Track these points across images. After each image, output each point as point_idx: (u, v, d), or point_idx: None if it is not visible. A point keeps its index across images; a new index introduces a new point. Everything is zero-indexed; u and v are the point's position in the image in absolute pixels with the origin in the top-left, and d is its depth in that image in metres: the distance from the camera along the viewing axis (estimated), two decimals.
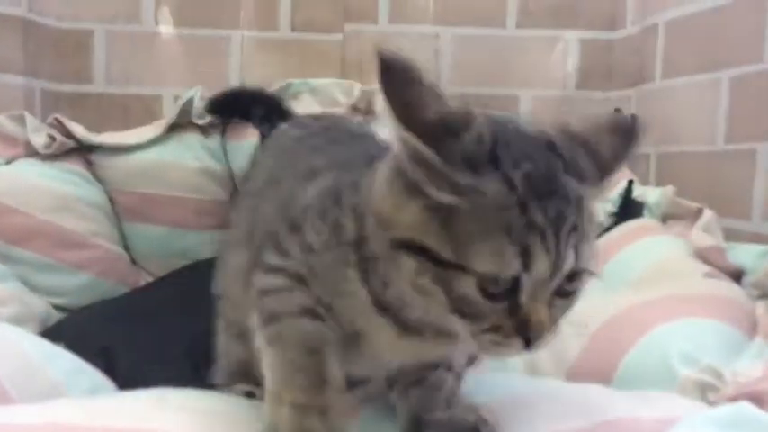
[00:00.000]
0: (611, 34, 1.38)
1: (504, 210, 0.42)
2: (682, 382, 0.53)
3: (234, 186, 1.16)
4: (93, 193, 1.08)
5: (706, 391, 0.53)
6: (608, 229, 0.95)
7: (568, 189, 0.43)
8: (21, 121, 1.06)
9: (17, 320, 0.85)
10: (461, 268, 0.42)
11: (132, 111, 1.28)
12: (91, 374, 0.63)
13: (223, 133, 1.16)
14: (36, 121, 1.07)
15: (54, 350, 0.59)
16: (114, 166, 1.10)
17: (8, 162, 1.03)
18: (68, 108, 1.23)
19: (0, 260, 0.93)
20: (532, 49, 1.38)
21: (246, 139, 1.14)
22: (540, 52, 1.39)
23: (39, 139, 1.05)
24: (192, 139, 1.14)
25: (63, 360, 0.60)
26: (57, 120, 1.06)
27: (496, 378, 0.54)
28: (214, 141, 1.15)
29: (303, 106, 1.18)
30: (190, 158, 1.12)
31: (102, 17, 1.28)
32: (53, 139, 1.05)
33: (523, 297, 0.43)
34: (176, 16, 1.29)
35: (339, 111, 1.18)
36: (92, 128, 1.12)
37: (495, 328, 0.43)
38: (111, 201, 1.10)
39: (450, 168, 0.42)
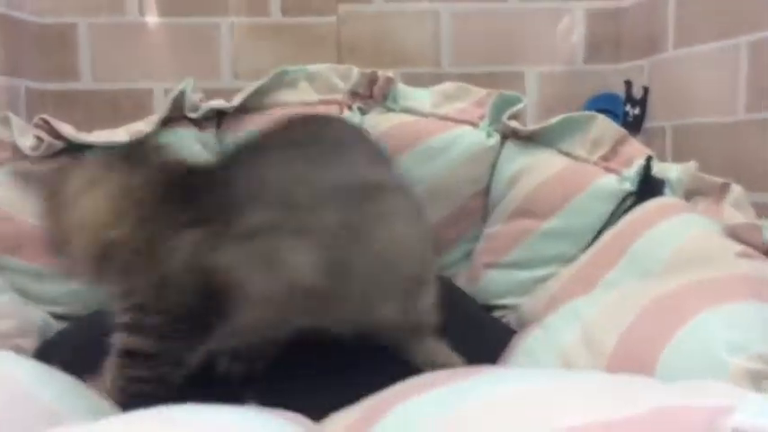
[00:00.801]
0: (618, 3, 1.35)
1: None
2: (733, 373, 0.51)
3: None
4: None
5: (760, 380, 0.50)
6: (627, 209, 0.92)
7: None
8: (6, 122, 1.02)
9: (16, 334, 0.83)
10: None
11: (122, 107, 1.26)
12: (87, 396, 0.61)
13: (218, 125, 1.13)
14: (22, 123, 1.04)
15: (47, 373, 0.57)
16: None
17: None
18: (55, 107, 1.20)
19: None
20: (536, 22, 1.35)
21: (243, 131, 1.11)
22: (545, 26, 1.36)
23: (26, 142, 1.01)
24: (186, 133, 1.10)
25: (57, 383, 0.57)
26: (43, 120, 1.03)
27: (534, 371, 0.52)
28: (209, 135, 1.12)
29: (300, 94, 1.14)
30: (185, 154, 1.08)
31: (85, 10, 1.25)
32: (41, 140, 1.02)
33: None
34: (162, 5, 1.26)
35: (338, 96, 1.15)
36: (81, 126, 1.09)
37: None
38: None
39: None
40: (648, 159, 0.95)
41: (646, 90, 1.30)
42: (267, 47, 1.29)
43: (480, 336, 0.81)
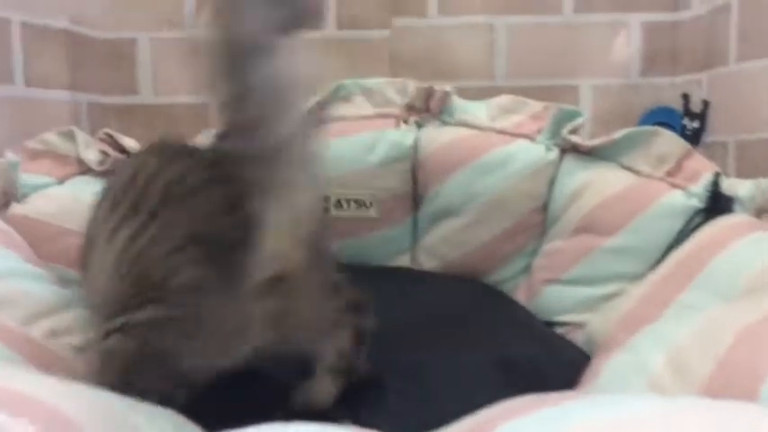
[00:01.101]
0: (675, 15, 1.34)
1: None
2: None
3: None
4: None
5: None
6: (696, 227, 0.91)
7: None
8: (70, 137, 1.05)
9: (84, 349, 0.84)
10: None
11: (181, 120, 1.27)
12: (170, 416, 0.61)
13: None
14: (86, 137, 1.06)
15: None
16: None
17: (61, 182, 1.02)
18: (116, 121, 1.23)
19: (61, 284, 0.92)
20: (591, 35, 1.35)
21: None
22: (600, 38, 1.35)
23: (91, 156, 1.04)
24: None
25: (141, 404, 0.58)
26: (107, 134, 1.05)
27: (625, 398, 0.51)
28: None
29: (356, 109, 1.16)
30: None
31: (146, 25, 1.27)
32: (106, 154, 1.04)
33: None
34: None
35: (394, 110, 1.15)
36: (141, 140, 1.11)
37: None
38: None
39: None
40: (716, 175, 0.94)
41: (705, 104, 1.29)
42: (322, 60, 1.30)
43: (549, 354, 0.80)
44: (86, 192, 1.01)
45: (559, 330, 0.98)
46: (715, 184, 0.94)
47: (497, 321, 0.88)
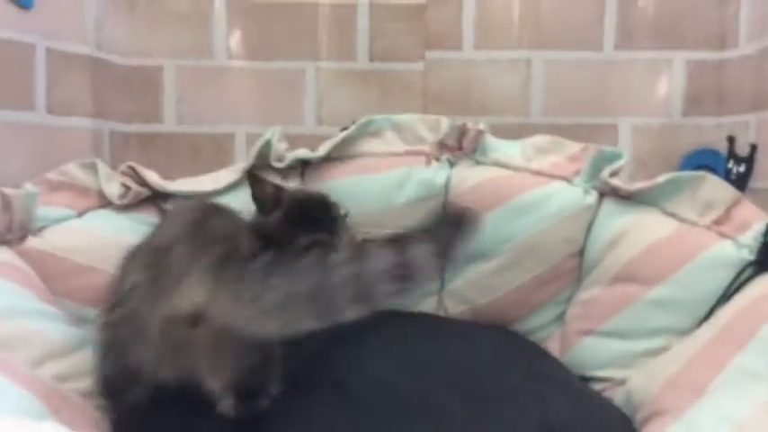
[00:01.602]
0: (722, 54, 1.29)
1: None
2: None
3: None
4: None
5: None
6: (746, 280, 0.86)
7: None
8: (92, 169, 1.03)
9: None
10: None
11: (204, 151, 1.26)
12: None
13: (302, 176, 1.11)
14: (108, 169, 1.04)
15: None
16: None
17: (80, 214, 1.00)
18: (138, 149, 1.21)
19: (74, 323, 0.89)
20: (633, 72, 1.31)
21: (326, 181, 1.10)
22: (642, 76, 1.31)
23: (113, 189, 1.01)
24: None
25: None
26: (130, 168, 1.03)
27: None
28: (293, 184, 1.10)
29: (385, 145, 1.13)
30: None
31: (172, 52, 1.26)
32: (128, 188, 1.02)
33: None
34: (248, 49, 1.26)
35: (425, 148, 1.12)
36: (162, 169, 1.09)
37: None
38: None
39: None
40: None
41: (753, 147, 1.24)
42: (352, 93, 1.28)
43: (590, 417, 0.75)
44: (106, 227, 1.00)
45: (595, 386, 0.93)
46: (767, 235, 0.88)
47: (531, 376, 0.83)
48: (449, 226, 0.73)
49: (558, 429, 0.69)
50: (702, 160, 1.28)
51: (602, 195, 1.02)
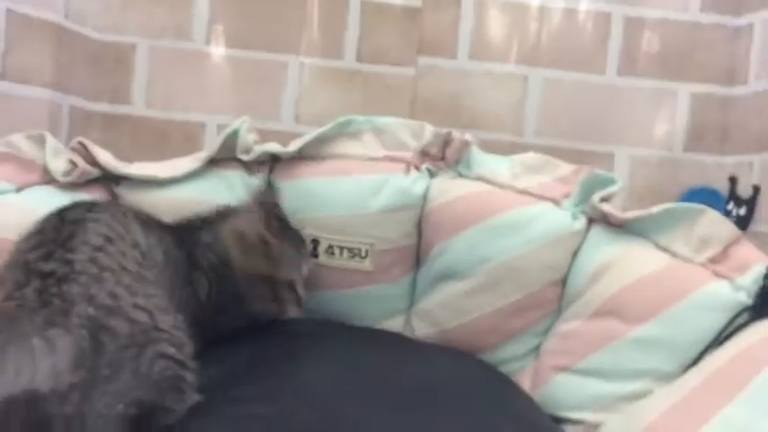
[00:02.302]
0: (729, 89, 1.23)
1: None
2: None
3: None
4: None
5: None
6: (740, 326, 0.78)
7: None
8: (40, 141, 0.94)
9: None
10: None
11: (171, 138, 1.18)
12: None
13: (271, 172, 1.03)
14: (57, 143, 0.96)
15: None
16: (142, 202, 0.97)
17: (19, 189, 0.91)
18: (100, 130, 1.13)
19: None
20: (635, 100, 1.24)
21: (296, 180, 1.01)
22: (644, 105, 1.25)
23: (58, 164, 0.93)
24: (233, 176, 1.01)
25: None
26: (80, 144, 0.94)
27: None
28: (259, 180, 1.02)
29: (364, 148, 1.04)
30: (229, 198, 0.99)
31: (148, 31, 1.18)
32: (74, 165, 0.93)
33: None
34: (230, 36, 1.19)
35: (406, 155, 1.04)
36: (125, 154, 1.01)
37: None
38: None
39: None
40: None
41: (756, 189, 1.16)
42: (335, 93, 1.20)
43: None
44: (45, 204, 0.90)
45: (567, 429, 0.84)
46: (767, 278, 0.80)
47: (499, 411, 0.74)
48: None
49: None
50: (701, 199, 1.21)
51: (590, 222, 0.94)
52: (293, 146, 1.02)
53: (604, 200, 0.92)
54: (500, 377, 0.91)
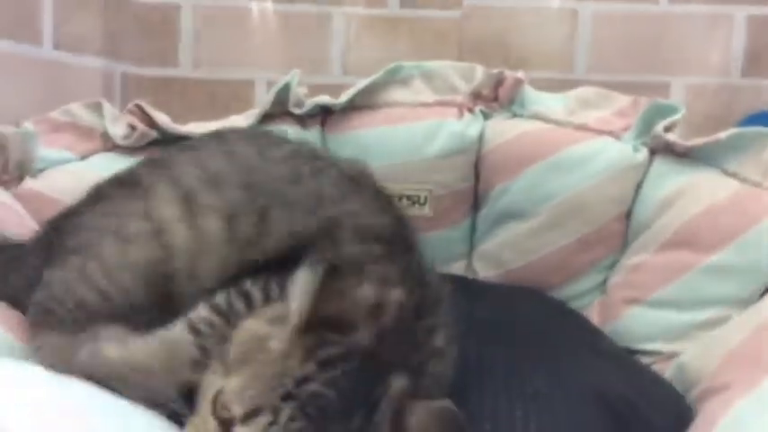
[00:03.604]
0: None
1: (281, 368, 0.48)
2: None
3: None
4: None
5: None
6: None
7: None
8: (97, 109, 0.96)
9: None
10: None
11: (221, 98, 1.18)
12: None
13: (323, 124, 1.03)
14: (114, 110, 0.97)
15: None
16: None
17: (83, 158, 0.93)
18: (151, 94, 1.13)
19: None
20: (688, 28, 1.20)
21: (349, 131, 1.01)
22: (698, 32, 1.20)
23: (118, 130, 0.94)
24: (288, 130, 1.01)
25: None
26: (138, 107, 0.95)
27: None
28: (313, 133, 1.02)
29: (414, 94, 1.03)
30: None
31: None
32: (133, 128, 0.94)
33: None
34: None
35: (458, 98, 1.02)
36: (176, 116, 1.01)
37: (196, 429, 0.49)
38: None
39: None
40: None
41: None
42: (381, 41, 1.18)
43: (642, 390, 0.66)
44: (108, 170, 0.92)
45: (642, 360, 0.83)
46: None
47: (576, 345, 0.74)
48: None
49: (613, 402, 0.60)
50: (761, 123, 1.17)
51: (653, 153, 0.92)
52: (344, 97, 1.01)
53: (668, 129, 0.90)
54: (573, 313, 0.91)
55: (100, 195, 0.70)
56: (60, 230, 0.68)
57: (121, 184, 0.70)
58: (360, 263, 0.58)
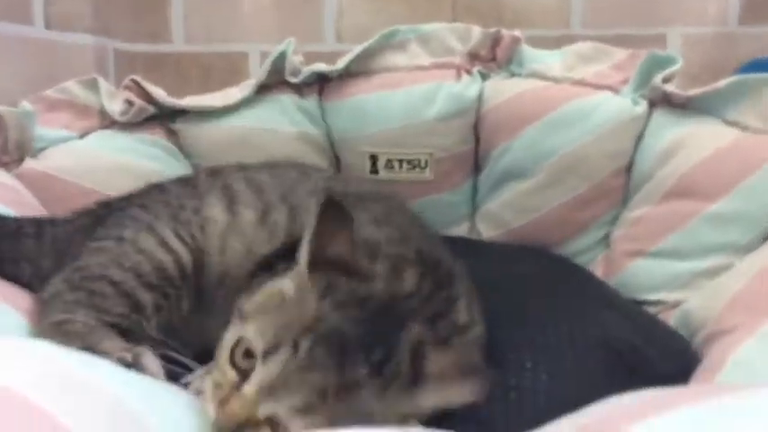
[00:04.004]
0: None
1: (297, 310, 0.50)
2: None
3: (333, 154, 1.04)
4: (178, 168, 0.97)
5: None
6: None
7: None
8: (93, 86, 0.96)
9: None
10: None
11: (215, 72, 1.18)
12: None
13: (320, 93, 1.03)
14: (110, 87, 0.97)
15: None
16: (201, 136, 0.99)
17: (81, 135, 0.93)
18: (144, 70, 1.13)
19: None
20: None
21: (347, 98, 1.01)
22: None
23: (115, 106, 0.95)
24: (285, 99, 1.01)
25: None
26: (134, 81, 0.95)
27: None
28: (311, 102, 1.02)
29: (410, 58, 1.03)
30: (286, 123, 1.00)
31: None
32: (131, 104, 0.94)
33: (247, 385, 0.48)
34: None
35: (455, 60, 1.02)
36: (170, 92, 1.01)
37: (216, 383, 0.51)
38: None
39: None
40: None
41: None
42: (374, 5, 1.18)
43: (648, 337, 0.67)
44: (108, 147, 0.94)
45: (647, 310, 0.84)
46: None
47: (582, 297, 0.76)
48: None
49: (619, 348, 0.61)
50: (760, 72, 1.17)
51: (652, 105, 0.93)
52: (340, 63, 1.01)
53: (666, 80, 0.90)
54: (577, 267, 0.92)
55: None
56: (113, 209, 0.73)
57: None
58: (377, 242, 0.60)
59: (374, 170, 1.01)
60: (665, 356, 0.63)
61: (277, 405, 0.47)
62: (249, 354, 0.50)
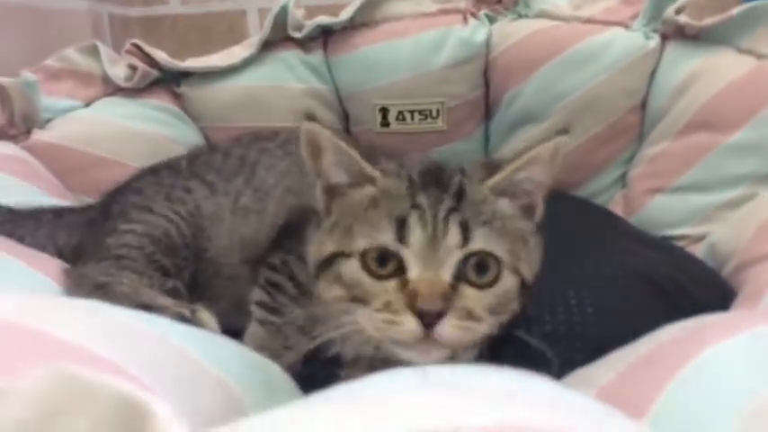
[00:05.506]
0: None
1: (395, 198, 0.53)
2: None
3: (342, 109, 1.04)
4: (187, 132, 0.99)
5: None
6: None
7: (450, 182, 0.54)
8: (94, 53, 0.96)
9: None
10: (344, 255, 0.53)
11: (214, 32, 1.17)
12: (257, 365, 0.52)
13: (325, 47, 1.03)
14: (111, 52, 0.97)
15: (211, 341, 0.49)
16: (206, 98, 1.00)
17: (87, 104, 0.94)
18: (141, 34, 1.13)
19: None
20: None
21: (353, 51, 1.02)
22: None
23: (118, 71, 0.95)
24: (290, 56, 1.02)
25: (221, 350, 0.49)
26: (135, 46, 0.95)
27: None
28: (316, 57, 1.02)
29: (415, 4, 1.03)
30: (292, 80, 1.01)
31: None
32: (134, 69, 0.95)
33: (410, 272, 0.50)
34: None
35: (460, 4, 1.03)
36: (170, 56, 1.01)
37: (386, 306, 0.50)
38: (207, 140, 1.00)
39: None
40: None
41: None
42: None
43: (682, 268, 0.69)
44: (117, 114, 0.94)
45: None
46: None
47: (612, 234, 0.77)
48: None
49: (662, 283, 0.63)
50: None
51: (664, 39, 0.93)
52: (344, 15, 1.01)
53: (679, 12, 0.91)
54: (599, 208, 0.94)
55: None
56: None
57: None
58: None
59: (385, 123, 1.02)
60: (701, 287, 0.65)
61: (459, 252, 0.50)
62: (382, 259, 0.51)
